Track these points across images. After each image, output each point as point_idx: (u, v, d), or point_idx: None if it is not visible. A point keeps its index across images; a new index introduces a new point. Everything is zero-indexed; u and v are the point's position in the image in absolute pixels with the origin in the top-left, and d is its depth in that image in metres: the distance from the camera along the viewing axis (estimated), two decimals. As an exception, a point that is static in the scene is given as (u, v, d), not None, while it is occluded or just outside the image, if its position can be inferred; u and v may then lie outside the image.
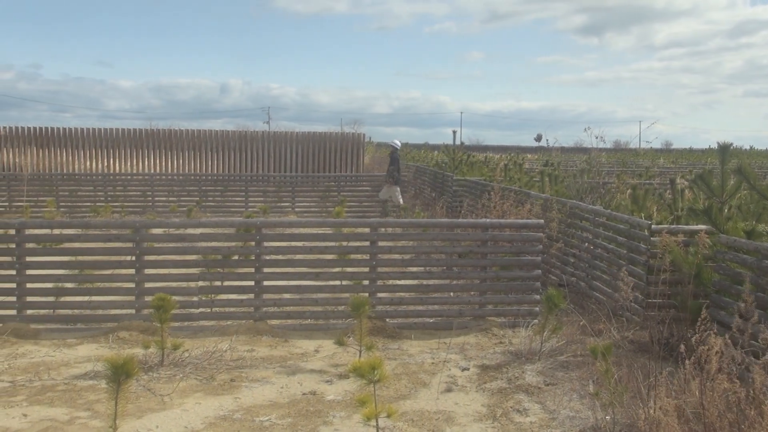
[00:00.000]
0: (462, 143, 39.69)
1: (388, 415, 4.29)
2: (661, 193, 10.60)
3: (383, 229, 7.66)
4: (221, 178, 17.76)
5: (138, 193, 16.93)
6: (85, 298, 7.34)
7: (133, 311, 7.16)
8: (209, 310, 7.32)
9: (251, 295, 7.30)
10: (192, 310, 7.19)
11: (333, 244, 7.57)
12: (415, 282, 7.71)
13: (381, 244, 7.46)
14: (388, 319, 7.33)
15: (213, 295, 7.36)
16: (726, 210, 7.32)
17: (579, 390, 5.52)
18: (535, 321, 7.24)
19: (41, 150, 20.26)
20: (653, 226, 7.09)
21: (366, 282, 7.45)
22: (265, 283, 7.32)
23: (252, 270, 7.37)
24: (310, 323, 7.35)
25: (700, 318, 4.55)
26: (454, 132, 57.11)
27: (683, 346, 4.70)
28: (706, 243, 6.62)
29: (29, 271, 7.18)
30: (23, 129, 20.32)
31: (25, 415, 4.99)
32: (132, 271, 7.24)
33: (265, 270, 7.34)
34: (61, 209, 16.02)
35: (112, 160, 20.64)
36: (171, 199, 16.78)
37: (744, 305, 4.91)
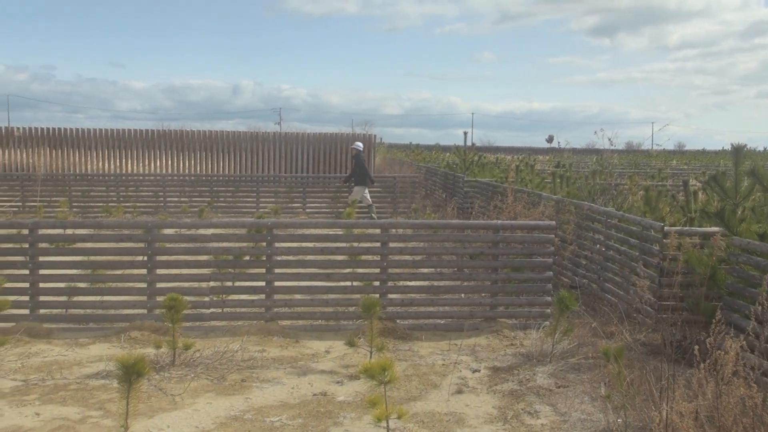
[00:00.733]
0: (473, 144, 39.63)
1: (399, 417, 4.28)
2: (673, 194, 10.55)
3: (394, 230, 7.64)
4: (232, 179, 17.77)
5: (150, 193, 16.97)
6: (98, 298, 7.38)
7: (144, 311, 7.19)
8: (220, 311, 7.34)
9: (262, 296, 7.31)
10: (203, 311, 7.20)
11: (344, 244, 7.56)
12: (425, 283, 7.69)
13: (392, 245, 7.45)
14: (398, 320, 7.32)
15: (224, 296, 7.37)
16: (739, 212, 7.26)
17: (590, 392, 5.49)
18: (547, 323, 7.21)
19: (54, 150, 20.47)
20: (666, 228, 7.04)
21: (377, 283, 7.44)
22: (276, 283, 7.32)
23: (263, 270, 7.37)
24: (320, 324, 7.35)
25: (714, 320, 4.50)
26: (465, 133, 57.05)
27: (697, 348, 4.66)
28: (720, 245, 6.58)
29: (42, 271, 7.22)
30: (37, 129, 20.54)
31: (37, 413, 5.02)
32: (144, 271, 7.26)
33: (276, 270, 7.35)
34: (74, 209, 16.10)
35: (124, 160, 20.81)
36: (183, 199, 16.82)
37: (761, 309, 4.85)
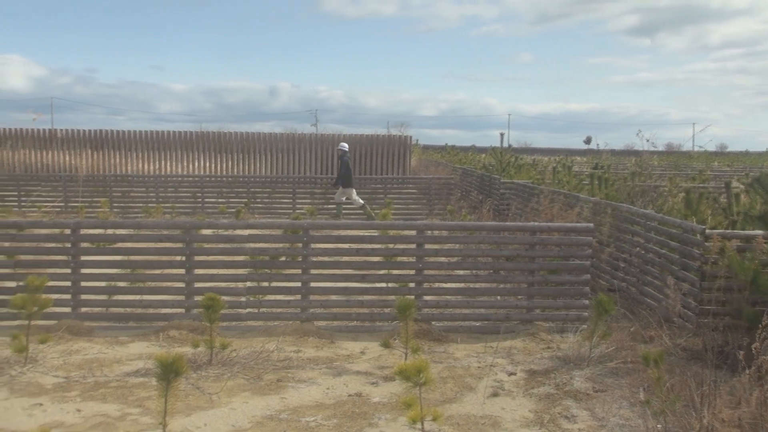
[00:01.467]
0: (509, 146, 39.40)
1: (434, 419, 4.27)
2: (715, 197, 10.31)
3: (430, 231, 7.62)
4: (269, 180, 17.88)
5: (188, 194, 17.19)
6: (137, 297, 7.50)
7: (182, 310, 7.29)
8: (257, 311, 7.40)
9: (298, 296, 7.35)
10: (240, 311, 7.27)
11: (379, 246, 7.56)
12: (461, 285, 7.65)
13: (427, 246, 7.42)
14: (434, 322, 7.29)
15: (260, 296, 7.43)
16: (785, 215, 7.08)
17: (629, 397, 5.40)
18: (584, 326, 7.11)
19: (96, 152, 20.92)
20: (707, 231, 6.89)
21: (412, 284, 7.42)
22: (312, 284, 7.36)
23: (299, 271, 7.42)
24: (356, 325, 7.36)
25: (760, 325, 4.39)
26: (502, 134, 56.86)
27: (742, 354, 4.55)
28: (763, 248, 6.42)
29: (84, 270, 7.37)
30: (79, 131, 21.03)
31: (78, 410, 5.12)
32: (182, 270, 7.37)
33: (312, 271, 7.39)
34: (114, 210, 16.42)
35: (163, 161, 21.17)
36: (220, 200, 17.01)
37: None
